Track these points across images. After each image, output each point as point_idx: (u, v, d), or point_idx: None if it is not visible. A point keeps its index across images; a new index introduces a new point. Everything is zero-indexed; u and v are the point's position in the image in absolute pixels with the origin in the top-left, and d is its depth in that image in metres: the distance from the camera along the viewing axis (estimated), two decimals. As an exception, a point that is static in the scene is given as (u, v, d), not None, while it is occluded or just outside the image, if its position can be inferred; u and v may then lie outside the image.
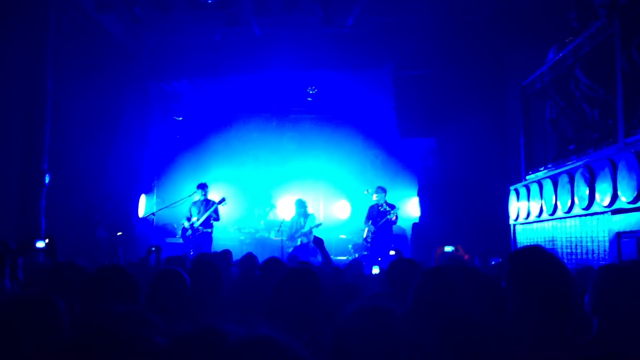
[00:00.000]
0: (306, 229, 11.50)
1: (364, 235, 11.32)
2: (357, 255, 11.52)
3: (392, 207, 11.01)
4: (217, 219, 10.73)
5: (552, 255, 2.22)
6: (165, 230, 12.63)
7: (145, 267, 6.26)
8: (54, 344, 1.75)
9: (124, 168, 11.67)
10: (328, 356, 1.86)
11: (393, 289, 3.72)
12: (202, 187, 10.88)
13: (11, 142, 8.27)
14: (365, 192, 11.58)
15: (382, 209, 10.94)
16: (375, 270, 6.91)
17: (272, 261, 4.55)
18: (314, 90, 13.99)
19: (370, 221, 11.10)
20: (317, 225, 11.71)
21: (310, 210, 12.10)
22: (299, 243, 11.47)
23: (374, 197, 11.12)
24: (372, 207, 11.21)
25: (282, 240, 11.65)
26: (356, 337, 1.86)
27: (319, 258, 10.60)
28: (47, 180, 8.17)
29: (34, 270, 4.31)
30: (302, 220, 11.70)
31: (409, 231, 12.27)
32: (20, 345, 2.01)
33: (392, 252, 8.27)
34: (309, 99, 14.29)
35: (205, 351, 0.81)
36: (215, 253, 6.52)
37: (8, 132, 8.30)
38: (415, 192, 12.37)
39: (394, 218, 10.92)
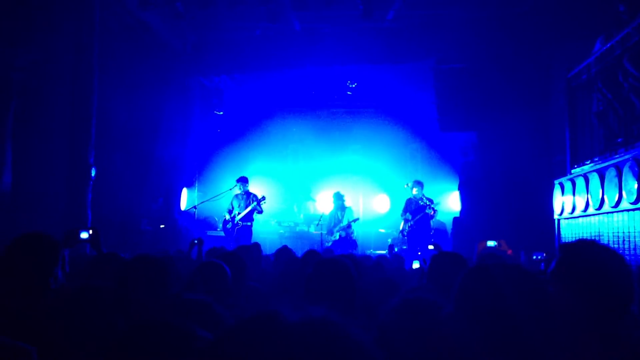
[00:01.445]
0: (344, 223, 11.48)
1: (401, 228, 11.25)
2: (396, 250, 11.46)
3: (431, 201, 10.90)
4: (260, 211, 10.87)
5: (613, 252, 2.05)
6: (207, 223, 12.82)
7: (187, 260, 6.37)
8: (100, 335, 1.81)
9: (167, 162, 11.90)
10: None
11: (434, 284, 3.68)
12: (242, 180, 11.01)
13: (59, 138, 8.52)
14: (405, 186, 11.48)
15: (422, 203, 10.84)
16: (416, 265, 6.87)
17: (311, 253, 4.58)
18: (353, 84, 13.96)
19: (408, 213, 11.02)
20: (355, 220, 11.68)
21: (348, 203, 12.06)
22: (337, 237, 11.45)
23: (414, 191, 11.03)
24: (409, 200, 11.13)
25: (321, 234, 11.67)
26: (401, 329, 1.85)
27: (358, 252, 10.63)
28: (93, 174, 8.39)
29: (80, 260, 4.45)
30: (339, 213, 11.66)
31: (449, 225, 12.15)
32: (80, 332, 2.09)
33: (430, 247, 8.21)
34: (349, 93, 14.26)
35: (262, 335, 0.82)
36: (244, 246, 6.57)
37: (56, 128, 8.56)
38: (456, 186, 12.24)
39: (432, 212, 10.81)
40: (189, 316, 1.78)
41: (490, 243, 8.71)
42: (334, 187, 13.52)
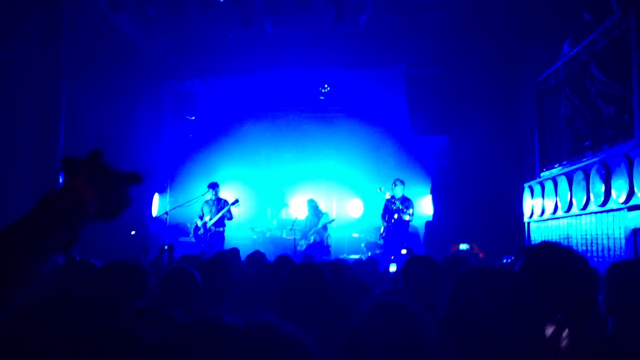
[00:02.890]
0: (319, 226, 11.49)
1: (381, 231, 11.12)
2: (370, 254, 11.46)
3: (407, 204, 10.69)
4: (230, 217, 10.81)
5: (576, 253, 2.06)
6: (179, 229, 12.68)
7: (158, 266, 6.29)
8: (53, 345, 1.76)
9: (138, 167, 11.67)
10: (341, 352, 1.84)
11: (408, 287, 3.69)
12: (213, 186, 10.95)
13: (26, 142, 8.34)
14: (378, 191, 11.46)
15: (394, 207, 10.72)
16: (393, 268, 6.90)
17: (283, 259, 4.55)
18: (326, 88, 13.98)
19: (387, 216, 10.88)
20: (331, 221, 11.69)
21: (322, 209, 12.08)
22: (311, 241, 11.44)
23: (387, 196, 10.97)
24: (387, 202, 11.05)
25: (294, 239, 11.64)
26: (372, 333, 1.83)
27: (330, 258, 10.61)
28: (61, 179, 8.22)
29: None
30: (315, 219, 11.70)
31: (421, 230, 12.19)
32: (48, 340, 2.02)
33: (404, 251, 8.25)
34: (322, 97, 14.27)
35: (201, 341, 0.81)
36: (223, 251, 6.52)
37: (23, 132, 8.37)
38: (428, 190, 12.30)
39: (407, 218, 10.62)
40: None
41: (463, 246, 8.79)
42: (308, 191, 13.51)
